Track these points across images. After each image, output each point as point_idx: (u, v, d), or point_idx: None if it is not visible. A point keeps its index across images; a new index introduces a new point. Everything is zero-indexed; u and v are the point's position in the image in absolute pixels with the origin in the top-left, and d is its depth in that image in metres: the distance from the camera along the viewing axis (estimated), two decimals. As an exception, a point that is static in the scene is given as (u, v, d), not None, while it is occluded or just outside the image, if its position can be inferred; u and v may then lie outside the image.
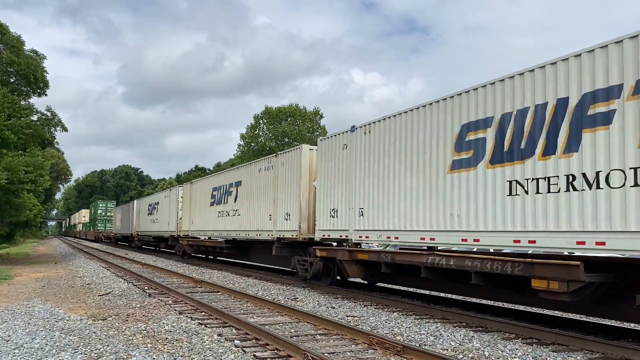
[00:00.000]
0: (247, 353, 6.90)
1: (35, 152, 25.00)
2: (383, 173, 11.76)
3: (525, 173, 8.26)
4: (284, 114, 60.96)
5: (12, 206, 26.21)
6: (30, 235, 77.70)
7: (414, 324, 9.05)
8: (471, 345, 7.48)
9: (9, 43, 24.32)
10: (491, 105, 9.04)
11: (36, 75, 25.03)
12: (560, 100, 7.85)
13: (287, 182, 16.29)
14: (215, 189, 23.09)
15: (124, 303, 11.45)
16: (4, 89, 22.87)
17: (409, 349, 6.74)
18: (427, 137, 10.47)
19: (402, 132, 11.24)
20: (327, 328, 8.49)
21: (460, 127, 9.67)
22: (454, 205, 9.61)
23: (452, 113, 9.90)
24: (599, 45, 7.38)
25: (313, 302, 11.58)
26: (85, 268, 21.41)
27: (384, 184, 11.70)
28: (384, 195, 11.68)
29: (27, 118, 24.23)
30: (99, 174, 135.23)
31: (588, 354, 7.13)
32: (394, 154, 11.44)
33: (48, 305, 10.93)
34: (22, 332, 8.11)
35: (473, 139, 9.32)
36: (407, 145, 11.07)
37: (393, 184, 11.41)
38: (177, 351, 6.91)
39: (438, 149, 10.16)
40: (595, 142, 7.30)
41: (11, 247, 46.15)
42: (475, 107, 9.38)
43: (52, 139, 27.62)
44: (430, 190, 10.27)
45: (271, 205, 17.19)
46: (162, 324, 8.82)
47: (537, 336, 7.99)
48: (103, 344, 7.28)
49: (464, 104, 9.62)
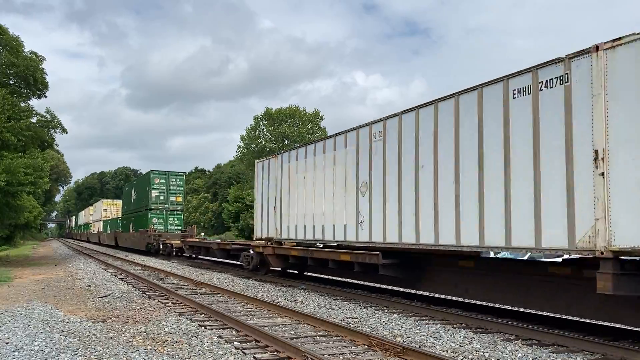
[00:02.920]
0: (247, 355, 6.89)
1: (35, 154, 25.00)
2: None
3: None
4: (284, 116, 61.02)
5: (11, 208, 26.21)
6: (30, 237, 77.61)
7: (414, 325, 9.04)
8: (471, 347, 7.48)
9: (8, 44, 24.30)
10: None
11: (35, 77, 24.99)
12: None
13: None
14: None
15: (123, 305, 11.44)
16: (3, 90, 22.86)
17: (409, 350, 6.74)
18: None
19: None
20: (327, 329, 8.48)
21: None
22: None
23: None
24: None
25: (313, 304, 11.57)
26: (85, 270, 21.39)
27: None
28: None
29: (26, 120, 24.21)
30: (99, 175, 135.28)
31: (588, 355, 7.13)
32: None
33: (48, 307, 10.92)
34: (21, 334, 8.10)
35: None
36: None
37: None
38: (177, 353, 6.91)
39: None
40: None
41: (11, 249, 46.10)
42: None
43: (51, 141, 27.55)
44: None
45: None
46: (162, 325, 8.82)
47: (537, 337, 7.99)
48: (103, 345, 7.27)
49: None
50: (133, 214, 37.75)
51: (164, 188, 32.80)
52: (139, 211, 35.54)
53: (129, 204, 40.58)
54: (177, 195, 33.38)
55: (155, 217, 32.34)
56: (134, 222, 36.86)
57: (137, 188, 37.59)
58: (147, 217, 32.28)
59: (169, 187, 32.98)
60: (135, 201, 37.33)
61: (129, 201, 40.64)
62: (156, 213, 32.46)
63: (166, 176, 33.01)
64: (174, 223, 32.89)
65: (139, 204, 35.91)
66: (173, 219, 32.95)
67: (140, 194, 35.79)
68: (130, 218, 38.46)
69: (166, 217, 32.74)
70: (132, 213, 38.43)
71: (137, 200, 36.85)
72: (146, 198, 33.13)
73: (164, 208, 32.74)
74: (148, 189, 32.74)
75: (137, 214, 36.21)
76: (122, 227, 42.16)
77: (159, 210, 32.55)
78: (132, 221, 37.41)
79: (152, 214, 32.30)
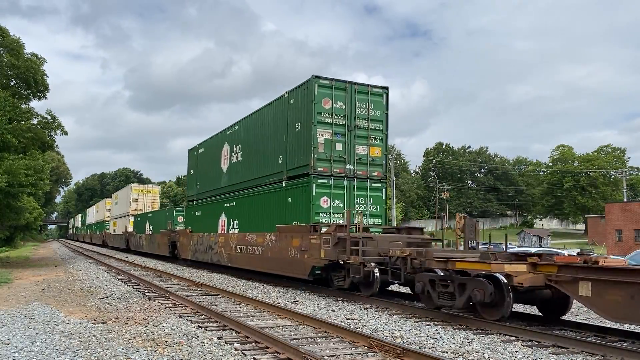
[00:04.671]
0: (247, 356, 6.90)
1: (36, 156, 25.01)
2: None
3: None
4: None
5: (12, 209, 26.23)
6: (30, 239, 77.65)
7: (414, 327, 9.04)
8: (471, 348, 7.48)
9: (9, 46, 24.34)
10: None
11: (36, 79, 25.03)
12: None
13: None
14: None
15: (124, 306, 11.44)
16: (5, 92, 22.90)
17: (409, 352, 6.74)
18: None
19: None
20: (327, 331, 8.48)
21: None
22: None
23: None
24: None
25: (313, 305, 11.57)
26: (85, 271, 21.40)
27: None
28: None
29: (27, 122, 24.24)
30: (99, 177, 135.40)
31: (588, 356, 7.12)
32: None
33: (48, 309, 10.93)
34: (22, 335, 8.11)
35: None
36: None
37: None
38: (177, 354, 6.91)
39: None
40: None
41: (11, 250, 46.11)
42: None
43: (52, 142, 27.59)
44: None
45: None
46: (162, 327, 8.82)
47: (537, 338, 7.99)
48: (103, 347, 7.27)
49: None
50: (251, 189, 17.80)
51: (341, 123, 14.55)
52: (275, 180, 16.16)
53: (233, 172, 19.63)
54: (373, 144, 14.98)
55: (326, 196, 14.34)
56: (257, 209, 17.14)
57: (259, 125, 17.62)
58: (312, 196, 14.11)
59: (357, 121, 14.70)
60: (258, 158, 17.53)
61: (234, 166, 19.51)
62: (325, 184, 14.34)
63: (347, 90, 14.74)
64: (375, 209, 15.07)
65: (266, 164, 16.79)
66: (373, 200, 15.00)
67: (273, 141, 16.51)
68: (241, 200, 18.44)
69: (366, 193, 14.85)
70: (240, 190, 18.69)
71: (259, 157, 17.45)
72: (301, 147, 14.74)
73: (351, 173, 14.67)
74: (310, 125, 14.26)
75: (272, 186, 16.35)
76: (197, 222, 23.24)
77: (334, 176, 14.48)
78: (250, 205, 17.72)
79: (319, 186, 14.23)
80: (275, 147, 16.47)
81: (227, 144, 20.81)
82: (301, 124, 14.92)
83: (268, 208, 16.62)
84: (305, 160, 14.53)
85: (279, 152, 16.14)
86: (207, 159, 23.37)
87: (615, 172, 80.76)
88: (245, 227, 18.18)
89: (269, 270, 15.85)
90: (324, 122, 14.43)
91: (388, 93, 15.42)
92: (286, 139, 15.71)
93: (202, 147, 24.31)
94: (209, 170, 22.82)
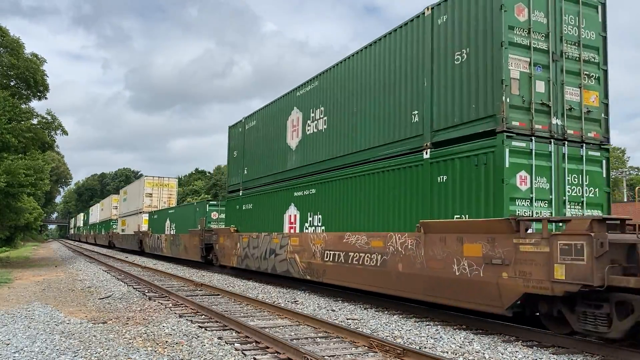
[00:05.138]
0: (248, 356, 6.90)
1: (36, 156, 25.02)
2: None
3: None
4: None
5: (11, 209, 26.23)
6: (30, 239, 77.64)
7: (414, 327, 9.04)
8: (471, 348, 7.48)
9: (9, 46, 24.34)
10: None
11: (36, 79, 25.03)
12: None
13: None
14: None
15: (124, 306, 11.45)
16: (4, 92, 22.90)
17: (409, 352, 6.74)
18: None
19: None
20: (327, 331, 8.48)
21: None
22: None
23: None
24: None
25: (313, 305, 11.58)
26: (85, 271, 21.40)
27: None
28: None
29: (27, 122, 24.24)
30: (99, 177, 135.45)
31: (588, 356, 7.13)
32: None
33: (48, 309, 10.93)
34: (22, 335, 8.11)
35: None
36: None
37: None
38: (177, 354, 6.92)
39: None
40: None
41: (11, 250, 46.11)
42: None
43: (52, 142, 27.60)
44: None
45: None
46: (163, 327, 8.82)
47: (537, 339, 7.99)
48: (103, 347, 7.28)
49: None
50: (347, 168, 12.74)
51: (543, 47, 9.22)
52: (405, 150, 10.82)
53: (308, 147, 14.86)
54: (588, 85, 9.59)
55: (524, 170, 8.74)
56: (364, 197, 11.93)
57: (362, 73, 12.56)
58: (505, 169, 8.51)
59: (563, 45, 9.40)
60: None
61: (312, 138, 14.63)
62: (524, 150, 8.78)
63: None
64: (593, 193, 9.52)
65: (383, 127, 11.58)
66: (589, 179, 9.48)
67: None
68: (326, 186, 13.53)
69: (581, 167, 9.38)
70: (323, 171, 13.86)
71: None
72: (470, 88, 9.35)
73: (559, 131, 9.19)
74: (498, 47, 8.83)
75: (399, 160, 10.96)
76: (246, 219, 18.60)
77: (536, 136, 8.95)
78: (344, 192, 12.68)
79: (515, 152, 8.67)
80: (404, 99, 10.98)
81: (296, 110, 15.60)
82: (469, 50, 9.40)
83: (388, 195, 11.13)
84: (483, 110, 9.01)
85: (413, 105, 10.69)
86: (261, 135, 18.13)
87: (615, 172, 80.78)
88: (334, 224, 13.05)
89: (401, 292, 10.23)
90: (519, 45, 8.96)
91: (606, 4, 9.90)
92: (430, 81, 10.26)
93: (253, 120, 18.90)
94: (266, 149, 17.52)
